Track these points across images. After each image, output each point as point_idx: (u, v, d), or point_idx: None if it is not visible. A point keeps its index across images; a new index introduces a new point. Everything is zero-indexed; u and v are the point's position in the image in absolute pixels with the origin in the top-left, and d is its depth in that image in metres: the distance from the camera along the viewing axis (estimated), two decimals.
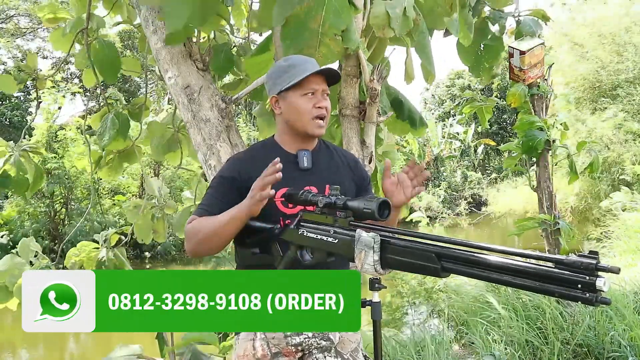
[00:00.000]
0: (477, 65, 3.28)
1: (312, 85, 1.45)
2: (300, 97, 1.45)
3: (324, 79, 1.47)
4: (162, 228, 3.33)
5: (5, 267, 2.85)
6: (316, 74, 1.44)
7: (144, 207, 3.28)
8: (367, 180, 1.62)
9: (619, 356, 3.00)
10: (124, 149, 3.38)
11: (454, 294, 4.71)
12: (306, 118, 1.45)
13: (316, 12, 1.89)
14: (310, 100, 1.45)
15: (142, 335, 2.85)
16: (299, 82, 1.43)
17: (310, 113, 1.45)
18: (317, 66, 1.46)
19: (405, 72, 2.42)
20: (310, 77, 1.44)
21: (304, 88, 1.44)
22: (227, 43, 2.87)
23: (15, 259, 2.88)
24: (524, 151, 3.70)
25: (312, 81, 1.44)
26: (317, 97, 1.46)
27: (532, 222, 3.82)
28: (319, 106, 1.45)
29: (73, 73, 17.30)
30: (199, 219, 1.41)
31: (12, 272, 2.82)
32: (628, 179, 9.68)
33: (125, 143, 3.27)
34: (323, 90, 1.47)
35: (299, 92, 1.45)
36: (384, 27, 1.99)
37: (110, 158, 3.43)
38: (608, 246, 7.01)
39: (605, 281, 0.79)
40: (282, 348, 1.45)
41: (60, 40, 3.11)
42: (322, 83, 1.46)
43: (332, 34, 1.89)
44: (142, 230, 3.30)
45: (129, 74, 3.60)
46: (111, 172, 3.50)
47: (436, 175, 19.77)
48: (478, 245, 0.98)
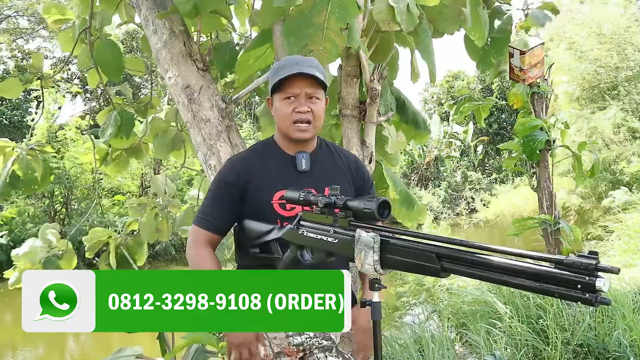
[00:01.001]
0: (483, 60, 3.20)
1: (292, 89, 1.41)
2: (282, 100, 1.43)
3: (311, 82, 1.41)
4: (165, 227, 3.31)
5: (27, 249, 2.98)
6: (300, 77, 1.39)
7: (148, 205, 3.27)
8: (370, 182, 1.61)
9: (619, 356, 3.00)
10: (130, 146, 3.38)
11: (454, 294, 4.71)
12: (287, 122, 1.44)
13: (321, 7, 1.88)
14: (290, 105, 1.42)
15: (142, 336, 2.85)
16: (281, 86, 1.41)
17: (290, 117, 1.42)
18: (302, 69, 1.40)
19: (411, 71, 2.42)
20: (292, 81, 1.40)
21: (284, 92, 1.42)
22: (230, 41, 2.88)
23: (36, 242, 3.01)
24: (524, 153, 3.69)
25: (294, 85, 1.41)
26: (298, 101, 1.42)
27: (531, 222, 3.82)
28: (298, 111, 1.41)
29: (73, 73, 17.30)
30: (202, 253, 1.46)
31: (32, 256, 2.94)
32: (627, 179, 9.68)
33: (131, 140, 3.26)
34: (307, 94, 1.42)
35: (281, 95, 1.43)
36: (389, 21, 1.97)
37: (117, 155, 3.44)
38: (608, 246, 7.01)
39: (605, 281, 0.79)
40: (284, 348, 1.46)
41: (69, 42, 3.10)
42: (306, 86, 1.41)
43: (337, 29, 1.88)
44: (145, 229, 3.28)
45: (133, 73, 3.61)
46: (118, 168, 3.52)
47: (436, 175, 19.77)
48: (478, 245, 0.98)
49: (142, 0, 2.57)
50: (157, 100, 3.53)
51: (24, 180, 2.98)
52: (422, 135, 2.76)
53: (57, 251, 3.02)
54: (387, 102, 2.39)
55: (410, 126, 2.66)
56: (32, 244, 3.00)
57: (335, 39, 1.89)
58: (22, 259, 2.93)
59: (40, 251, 2.97)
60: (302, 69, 1.39)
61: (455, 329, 4.02)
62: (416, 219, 2.59)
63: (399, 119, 2.64)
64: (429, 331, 3.78)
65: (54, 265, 2.94)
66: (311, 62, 1.45)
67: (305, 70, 1.39)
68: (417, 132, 2.69)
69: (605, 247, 6.97)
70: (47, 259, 2.94)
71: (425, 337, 3.39)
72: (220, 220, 1.49)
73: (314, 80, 1.41)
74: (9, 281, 2.93)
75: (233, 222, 1.51)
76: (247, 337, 1.41)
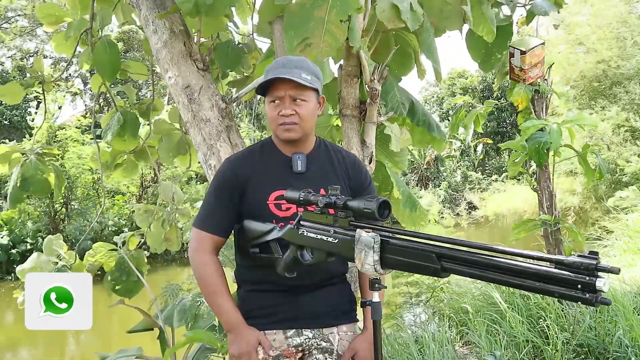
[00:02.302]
0: (487, 58, 3.03)
1: (276, 92, 1.41)
2: (269, 103, 1.44)
3: (295, 84, 1.40)
4: (174, 236, 3.23)
5: (32, 264, 2.91)
6: (283, 80, 1.38)
7: (156, 213, 3.19)
8: (368, 181, 1.60)
9: (619, 356, 3.00)
10: (135, 148, 3.33)
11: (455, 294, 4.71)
12: (274, 125, 1.44)
13: (322, 0, 1.88)
14: (275, 108, 1.42)
15: (142, 336, 2.85)
16: (267, 89, 1.42)
17: (275, 120, 1.43)
18: (285, 72, 1.38)
19: (417, 68, 2.41)
20: (276, 84, 1.40)
21: (270, 95, 1.43)
22: (231, 40, 2.88)
23: (41, 257, 2.94)
24: (530, 156, 3.66)
25: (278, 88, 1.40)
26: (283, 104, 1.41)
27: (530, 224, 3.81)
28: (282, 114, 1.41)
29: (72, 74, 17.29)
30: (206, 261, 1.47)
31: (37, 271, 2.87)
32: (627, 179, 9.68)
33: (133, 142, 3.21)
34: (291, 96, 1.41)
35: (268, 98, 1.44)
36: (394, 20, 1.96)
37: (124, 159, 3.39)
38: (609, 246, 7.01)
39: (605, 282, 0.79)
40: (283, 350, 1.45)
41: (63, 44, 3.06)
42: (289, 89, 1.40)
43: (338, 22, 1.87)
44: (154, 239, 3.21)
45: (136, 77, 3.58)
46: (126, 173, 3.47)
47: (436, 175, 19.78)
48: (478, 245, 0.98)
49: (142, 0, 2.57)
50: (160, 102, 3.51)
51: (33, 182, 2.93)
52: (439, 140, 2.60)
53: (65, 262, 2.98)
54: (396, 100, 2.37)
55: (423, 129, 2.55)
56: (37, 258, 2.93)
57: (336, 32, 1.87)
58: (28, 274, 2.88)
59: (47, 265, 2.89)
60: (283, 73, 1.38)
61: (455, 328, 4.02)
62: (419, 221, 2.57)
63: (410, 121, 2.54)
64: (430, 331, 3.78)
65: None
66: (299, 63, 1.43)
67: (287, 75, 1.37)
68: (432, 135, 2.57)
69: (606, 248, 6.97)
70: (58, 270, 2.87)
71: (426, 338, 3.39)
72: (222, 221, 1.48)
73: (297, 83, 1.40)
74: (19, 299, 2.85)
75: (234, 223, 1.51)
76: (247, 347, 1.41)
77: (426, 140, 2.65)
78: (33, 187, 2.91)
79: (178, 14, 2.45)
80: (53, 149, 3.35)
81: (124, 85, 3.53)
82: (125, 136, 3.04)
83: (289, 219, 1.42)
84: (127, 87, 3.38)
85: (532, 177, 4.00)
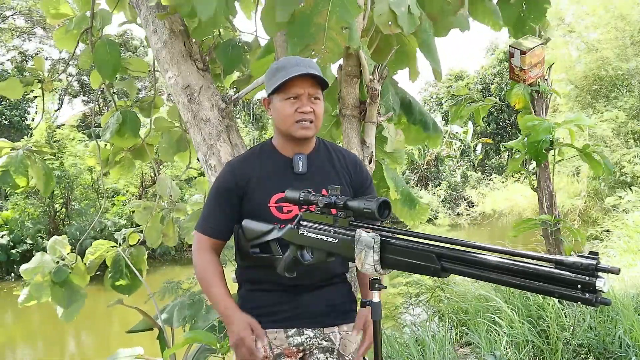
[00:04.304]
0: (519, 25, 2.90)
1: (296, 90, 1.41)
2: (284, 101, 1.43)
3: (312, 83, 1.42)
4: (171, 231, 3.23)
5: (35, 264, 2.94)
6: (302, 77, 1.40)
7: (154, 209, 3.18)
8: (369, 181, 1.61)
9: (620, 356, 3.00)
10: (134, 146, 3.31)
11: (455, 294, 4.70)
12: (289, 122, 1.43)
13: (323, 6, 1.88)
14: (293, 105, 1.42)
15: (142, 336, 2.85)
16: (283, 86, 1.41)
17: (293, 117, 1.42)
18: (304, 70, 1.40)
19: (410, 70, 2.41)
20: (295, 81, 1.40)
21: (286, 92, 1.42)
22: (232, 39, 2.86)
23: (44, 257, 2.96)
24: (529, 154, 3.66)
25: (297, 85, 1.41)
26: (301, 101, 1.42)
27: (530, 223, 3.81)
28: (301, 111, 1.41)
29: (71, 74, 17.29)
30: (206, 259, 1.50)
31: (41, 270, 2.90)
32: (628, 180, 9.68)
33: (134, 140, 3.20)
34: (309, 94, 1.42)
35: (283, 95, 1.43)
36: (390, 25, 1.96)
37: (121, 157, 3.38)
38: (609, 246, 7.01)
39: (605, 282, 0.79)
40: (284, 349, 1.46)
41: (63, 39, 3.04)
42: (308, 87, 1.41)
43: (338, 28, 1.88)
44: (151, 234, 3.21)
45: (136, 74, 3.57)
46: (123, 171, 3.46)
47: (436, 175, 19.78)
48: (478, 245, 0.98)
49: (142, 0, 2.57)
50: (161, 100, 3.50)
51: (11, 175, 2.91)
52: (434, 137, 2.60)
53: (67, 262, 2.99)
54: (389, 102, 2.38)
55: (418, 127, 2.55)
56: (41, 258, 2.96)
57: (337, 38, 1.89)
58: (31, 273, 2.89)
59: (49, 264, 2.92)
60: (306, 70, 1.40)
61: (455, 328, 4.02)
62: (418, 217, 2.57)
63: (406, 121, 2.55)
64: (430, 331, 3.78)
65: (65, 274, 2.90)
66: (310, 63, 1.45)
67: (312, 71, 1.40)
68: (427, 133, 2.58)
69: (606, 248, 6.98)
70: (58, 269, 2.90)
71: (426, 338, 3.39)
72: (222, 225, 1.50)
73: (315, 81, 1.42)
74: (19, 298, 2.86)
75: (235, 225, 1.52)
76: (239, 333, 1.41)
77: (421, 138, 2.64)
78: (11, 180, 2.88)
79: (178, 14, 2.45)
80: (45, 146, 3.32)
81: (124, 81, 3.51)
82: (126, 134, 3.04)
83: (291, 222, 1.42)
84: (129, 83, 3.37)
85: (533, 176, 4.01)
